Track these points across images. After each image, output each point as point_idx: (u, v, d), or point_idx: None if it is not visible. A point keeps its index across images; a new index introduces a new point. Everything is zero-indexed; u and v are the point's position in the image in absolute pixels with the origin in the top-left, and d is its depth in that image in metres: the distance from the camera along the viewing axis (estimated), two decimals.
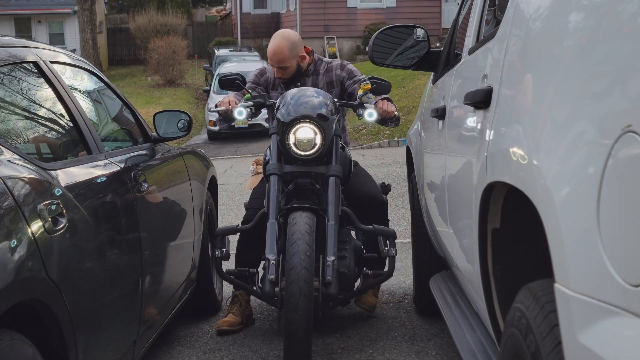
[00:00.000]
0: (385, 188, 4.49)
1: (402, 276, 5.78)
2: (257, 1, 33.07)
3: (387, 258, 3.84)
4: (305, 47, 4.13)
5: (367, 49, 4.94)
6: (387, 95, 3.98)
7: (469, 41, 2.94)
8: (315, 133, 3.62)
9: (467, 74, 2.91)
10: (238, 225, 3.96)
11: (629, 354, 1.23)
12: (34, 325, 2.21)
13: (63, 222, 2.36)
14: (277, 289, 3.41)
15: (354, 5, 26.99)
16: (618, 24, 1.39)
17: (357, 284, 4.16)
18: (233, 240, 4.17)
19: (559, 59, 1.65)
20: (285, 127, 3.62)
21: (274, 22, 32.40)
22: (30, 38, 5.78)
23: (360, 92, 3.81)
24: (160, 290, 3.60)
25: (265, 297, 3.61)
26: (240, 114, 3.83)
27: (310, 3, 26.82)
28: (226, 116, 3.93)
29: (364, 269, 4.04)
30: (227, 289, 5.52)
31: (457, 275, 3.27)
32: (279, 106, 3.71)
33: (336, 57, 25.78)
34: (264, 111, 4.21)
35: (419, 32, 3.88)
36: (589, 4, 1.59)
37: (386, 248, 3.81)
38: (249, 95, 3.88)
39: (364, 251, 4.09)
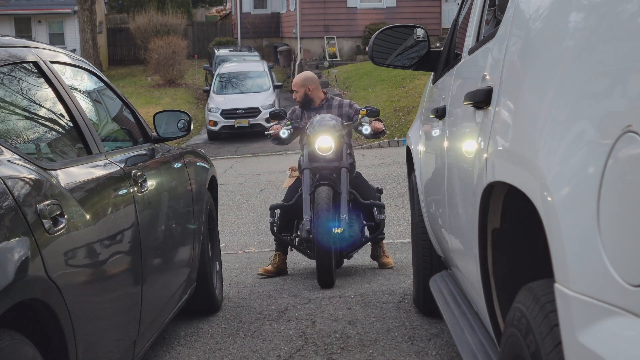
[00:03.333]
0: (379, 191, 6.23)
1: (402, 276, 5.77)
2: (257, 1, 33.05)
3: (380, 221, 5.86)
4: (323, 90, 6.26)
5: (367, 49, 5.03)
6: (379, 118, 6.02)
7: (469, 41, 2.94)
8: (331, 141, 5.66)
9: (467, 74, 2.91)
10: (283, 202, 5.96)
11: (629, 354, 1.23)
12: (34, 325, 2.21)
13: (63, 222, 2.36)
14: (310, 235, 5.42)
15: (354, 5, 26.97)
16: (618, 24, 1.39)
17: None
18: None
19: (559, 59, 1.65)
20: (312, 139, 5.70)
21: (274, 22, 32.38)
22: (30, 38, 5.78)
23: (359, 116, 5.93)
24: (160, 290, 3.60)
25: (303, 242, 5.68)
26: (284, 134, 5.95)
27: (310, 3, 26.81)
28: (276, 136, 6.00)
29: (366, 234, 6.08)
30: (227, 289, 5.53)
31: (457, 275, 3.28)
32: (308, 127, 5.83)
33: (336, 57, 25.80)
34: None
35: (419, 32, 3.89)
36: (589, 4, 1.59)
37: (377, 215, 5.87)
38: (289, 122, 6.01)
39: (365, 222, 6.04)
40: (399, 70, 14.22)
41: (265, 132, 6.26)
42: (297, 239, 5.89)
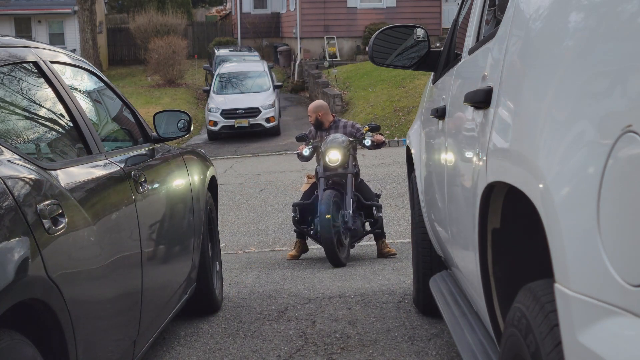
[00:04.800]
0: (378, 195, 7.67)
1: (402, 276, 5.78)
2: (257, 1, 33.04)
3: (378, 218, 7.35)
4: (332, 114, 7.83)
5: (367, 49, 5.04)
6: (380, 132, 7.63)
7: (469, 41, 2.94)
8: (339, 155, 7.16)
9: (467, 74, 2.91)
10: (302, 201, 7.54)
11: (629, 354, 1.23)
12: (34, 325, 2.21)
13: (63, 222, 2.36)
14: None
15: (354, 5, 26.95)
16: (618, 24, 1.39)
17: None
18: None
19: (559, 59, 1.65)
20: (324, 153, 7.22)
21: (274, 22, 32.38)
22: (30, 38, 5.78)
23: (364, 131, 7.49)
24: (160, 290, 3.60)
25: (317, 233, 7.10)
26: (306, 152, 7.45)
27: (310, 3, 26.80)
28: (300, 154, 7.52)
29: (365, 228, 7.58)
30: (227, 289, 5.53)
31: (457, 275, 3.28)
32: (322, 145, 7.34)
33: (336, 57, 25.79)
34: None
35: (419, 32, 3.89)
36: (589, 4, 1.59)
37: (376, 213, 7.38)
38: (311, 143, 7.53)
39: (365, 219, 7.51)
40: (399, 70, 14.22)
41: (295, 152, 8.11)
42: (312, 231, 7.34)
